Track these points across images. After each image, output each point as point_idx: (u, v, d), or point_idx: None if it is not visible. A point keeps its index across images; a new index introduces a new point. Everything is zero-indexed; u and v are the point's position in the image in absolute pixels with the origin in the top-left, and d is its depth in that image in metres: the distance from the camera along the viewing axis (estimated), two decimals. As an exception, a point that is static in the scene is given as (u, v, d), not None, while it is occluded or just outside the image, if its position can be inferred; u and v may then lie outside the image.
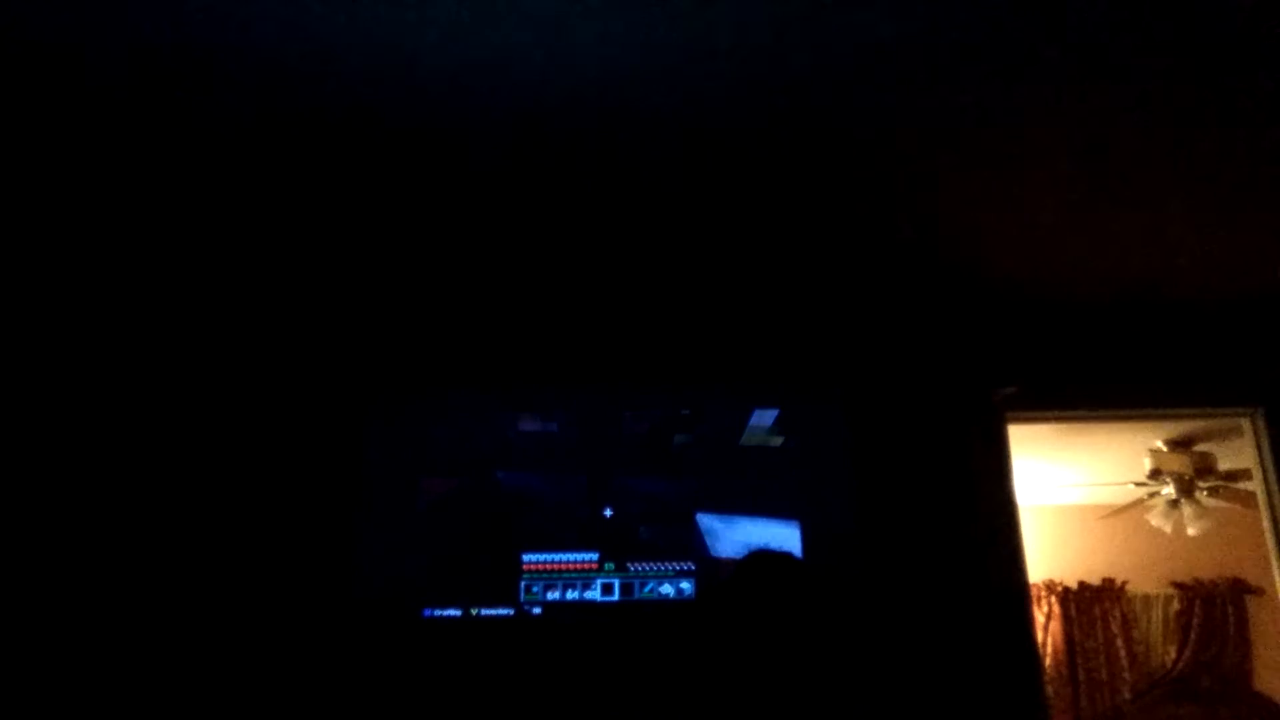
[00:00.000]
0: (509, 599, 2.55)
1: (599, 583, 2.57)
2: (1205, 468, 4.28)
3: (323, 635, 2.50)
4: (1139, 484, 4.46)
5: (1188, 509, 4.34)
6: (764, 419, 2.74)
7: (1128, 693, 5.23)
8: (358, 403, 2.73)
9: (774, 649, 1.35)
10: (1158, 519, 4.46)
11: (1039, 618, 5.32)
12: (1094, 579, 5.47)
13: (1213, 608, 5.39)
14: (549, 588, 2.57)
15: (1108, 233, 2.36)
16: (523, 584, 2.57)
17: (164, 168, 2.02)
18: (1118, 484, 4.64)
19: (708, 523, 2.64)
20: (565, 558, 2.59)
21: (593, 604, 2.56)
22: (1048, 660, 5.29)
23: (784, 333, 2.87)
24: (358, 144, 1.94)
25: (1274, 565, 2.81)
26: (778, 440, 2.74)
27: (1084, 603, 5.44)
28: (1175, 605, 5.44)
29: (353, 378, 2.77)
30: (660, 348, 2.86)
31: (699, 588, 2.57)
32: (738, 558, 2.59)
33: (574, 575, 2.58)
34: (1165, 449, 4.29)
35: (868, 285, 2.69)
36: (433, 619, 2.54)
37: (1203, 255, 2.49)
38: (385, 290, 2.68)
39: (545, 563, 2.59)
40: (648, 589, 2.57)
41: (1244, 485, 4.04)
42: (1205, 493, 4.34)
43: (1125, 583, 5.46)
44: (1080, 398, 2.87)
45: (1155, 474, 4.35)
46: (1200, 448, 4.25)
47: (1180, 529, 4.42)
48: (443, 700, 2.46)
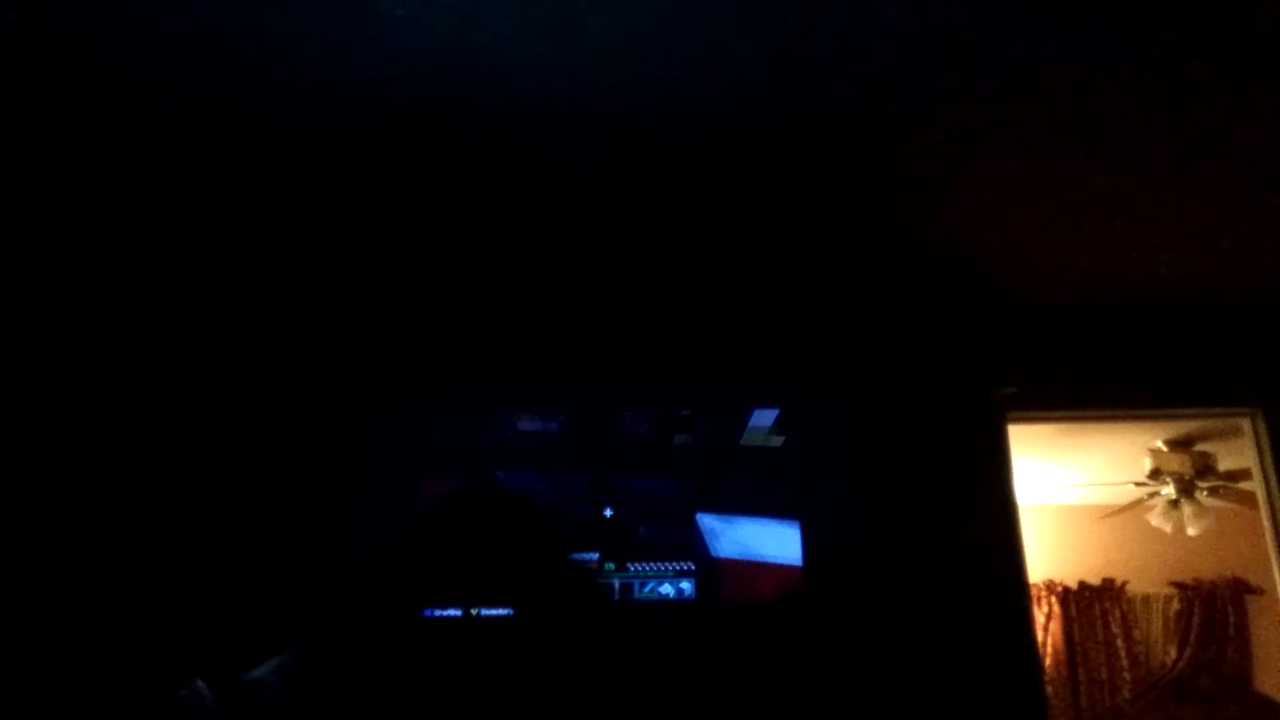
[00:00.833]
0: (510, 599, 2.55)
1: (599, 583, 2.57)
2: (1205, 468, 4.28)
3: (322, 634, 2.50)
4: (1139, 484, 4.46)
5: (1188, 509, 4.34)
6: (764, 419, 2.74)
7: (1128, 693, 5.23)
8: (358, 403, 2.74)
9: None
10: (1158, 519, 4.46)
11: (1039, 618, 5.32)
12: (1094, 579, 5.47)
13: (1213, 608, 5.38)
14: (549, 588, 2.56)
15: (1108, 233, 2.36)
16: (523, 584, 2.57)
17: (170, 173, 2.02)
18: (1118, 484, 4.63)
19: (708, 523, 2.64)
20: (565, 558, 2.59)
21: (593, 604, 2.55)
22: (1048, 660, 5.28)
23: (784, 333, 2.87)
24: (358, 148, 1.94)
25: (1274, 565, 2.81)
26: (778, 440, 2.73)
27: (1084, 603, 5.43)
28: (1175, 605, 5.43)
29: (353, 378, 2.78)
30: (660, 348, 2.86)
31: (699, 588, 2.57)
32: (738, 558, 2.61)
33: (574, 575, 2.58)
34: (1165, 449, 4.28)
35: (868, 285, 2.69)
36: (433, 619, 2.54)
37: (1202, 256, 2.49)
38: (385, 291, 2.68)
39: (545, 563, 2.58)
40: (648, 589, 2.57)
41: (1244, 485, 4.05)
42: (1205, 493, 4.34)
43: (1125, 583, 5.45)
44: (1080, 398, 2.87)
45: (1155, 474, 4.35)
46: (1200, 448, 4.24)
47: (1180, 529, 4.42)
48: (443, 700, 2.45)
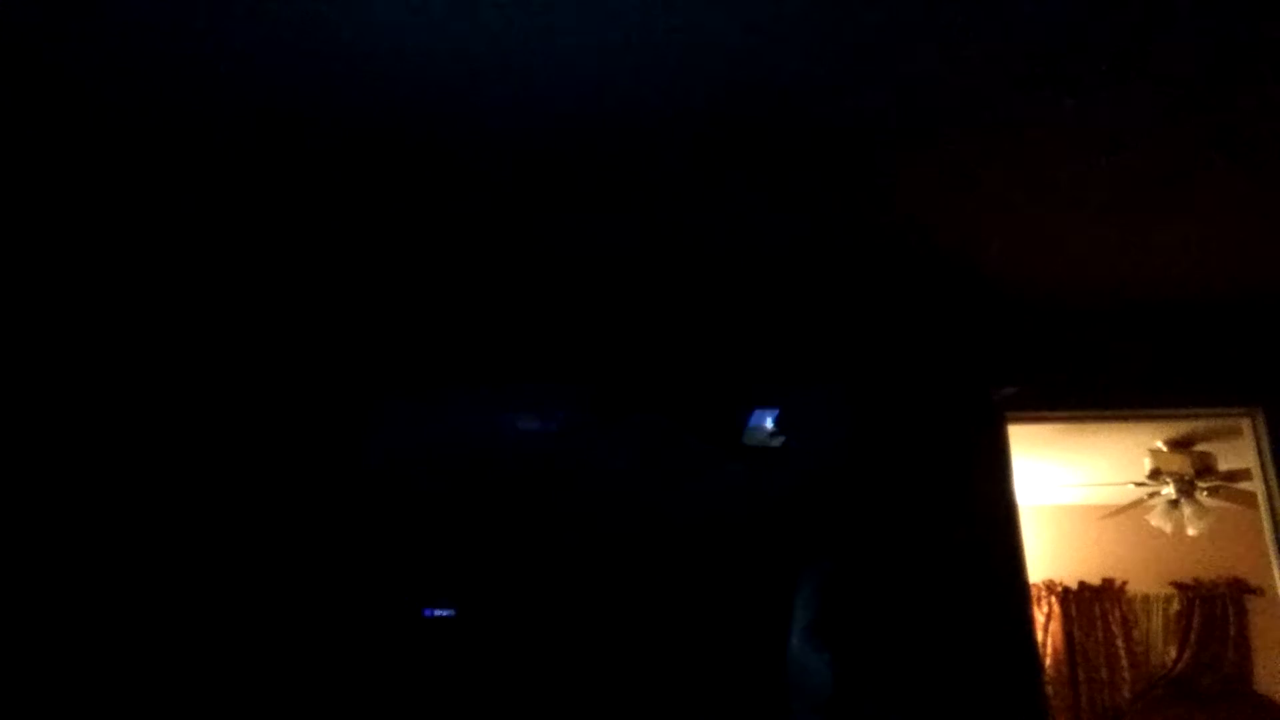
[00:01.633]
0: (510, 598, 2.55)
1: (599, 583, 2.57)
2: (1205, 468, 4.28)
3: (322, 634, 2.50)
4: (1139, 484, 4.46)
5: (1188, 509, 4.34)
6: (764, 419, 2.74)
7: (1128, 693, 5.23)
8: (358, 404, 2.73)
9: None
10: (1158, 519, 4.46)
11: (1039, 618, 5.32)
12: (1094, 579, 5.47)
13: (1213, 608, 5.39)
14: (549, 588, 2.56)
15: (1108, 232, 2.36)
16: (523, 584, 2.56)
17: (166, 170, 2.02)
18: (1118, 484, 4.64)
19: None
20: (565, 558, 2.59)
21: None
22: (1048, 660, 5.29)
23: (784, 333, 2.87)
24: (356, 147, 1.94)
25: (1274, 565, 2.80)
26: (778, 440, 2.73)
27: (1084, 603, 5.44)
28: (1175, 605, 5.44)
29: (352, 379, 2.77)
30: (660, 348, 2.86)
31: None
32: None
33: (574, 575, 2.57)
34: (1165, 449, 4.29)
35: (868, 285, 2.69)
36: (433, 619, 2.54)
37: (1203, 255, 2.49)
38: (384, 291, 2.68)
39: (545, 563, 2.58)
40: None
41: (1244, 485, 4.04)
42: (1205, 493, 4.34)
43: (1125, 583, 5.46)
44: (1080, 398, 2.87)
45: (1155, 474, 4.35)
46: (1200, 448, 4.25)
47: (1180, 529, 4.42)
48: (443, 700, 2.45)
